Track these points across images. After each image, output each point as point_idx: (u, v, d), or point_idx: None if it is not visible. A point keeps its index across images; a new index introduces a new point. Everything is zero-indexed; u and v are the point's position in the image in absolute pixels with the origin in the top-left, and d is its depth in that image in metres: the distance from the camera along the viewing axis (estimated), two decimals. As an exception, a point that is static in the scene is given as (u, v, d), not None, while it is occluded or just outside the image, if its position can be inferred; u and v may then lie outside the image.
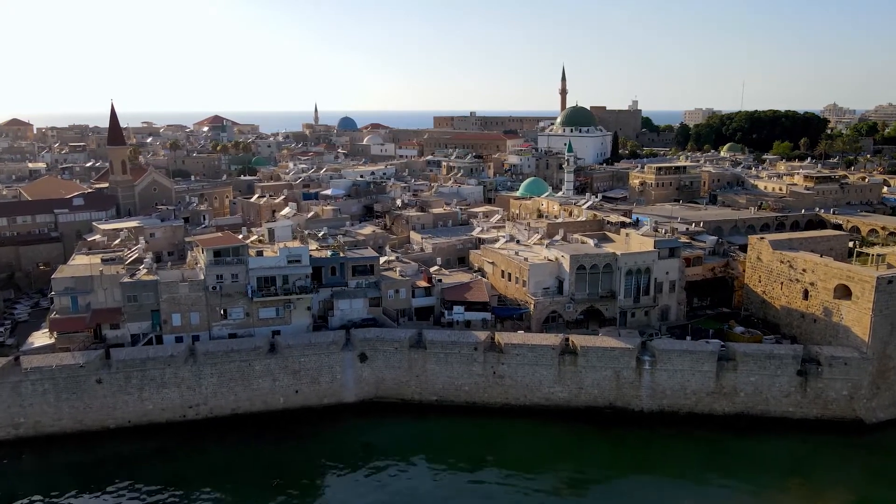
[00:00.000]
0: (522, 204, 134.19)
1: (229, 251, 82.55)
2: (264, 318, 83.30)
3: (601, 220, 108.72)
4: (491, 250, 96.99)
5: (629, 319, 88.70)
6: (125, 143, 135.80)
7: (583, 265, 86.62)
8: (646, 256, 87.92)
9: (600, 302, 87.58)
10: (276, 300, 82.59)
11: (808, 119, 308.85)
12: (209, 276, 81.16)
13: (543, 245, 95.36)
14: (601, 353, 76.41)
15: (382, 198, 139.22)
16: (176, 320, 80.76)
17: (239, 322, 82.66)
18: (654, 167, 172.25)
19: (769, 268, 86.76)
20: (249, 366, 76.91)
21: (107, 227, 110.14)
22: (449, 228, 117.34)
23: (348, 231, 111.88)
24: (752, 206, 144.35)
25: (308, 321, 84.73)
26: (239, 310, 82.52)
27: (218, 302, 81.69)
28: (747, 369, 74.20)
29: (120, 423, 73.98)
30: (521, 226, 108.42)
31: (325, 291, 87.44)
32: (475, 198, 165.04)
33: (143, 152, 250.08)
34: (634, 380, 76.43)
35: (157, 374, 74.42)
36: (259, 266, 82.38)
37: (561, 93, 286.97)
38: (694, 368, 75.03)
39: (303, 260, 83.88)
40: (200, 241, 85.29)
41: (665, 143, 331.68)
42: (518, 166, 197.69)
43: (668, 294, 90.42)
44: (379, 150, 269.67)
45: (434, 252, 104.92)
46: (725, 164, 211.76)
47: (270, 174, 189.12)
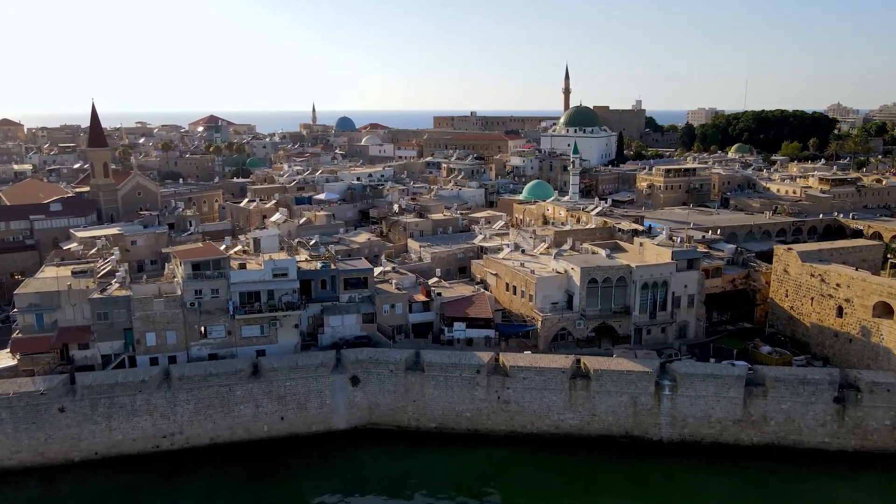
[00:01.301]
0: (527, 209, 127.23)
1: (209, 264, 75.57)
2: (247, 337, 76.45)
3: (612, 227, 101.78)
4: (494, 261, 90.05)
5: (644, 337, 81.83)
6: (107, 145, 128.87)
7: (594, 278, 79.71)
8: (663, 269, 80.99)
9: (613, 318, 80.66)
10: (261, 317, 75.68)
11: (816, 119, 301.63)
12: (187, 291, 74.21)
13: (551, 256, 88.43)
14: (616, 377, 69.48)
15: (379, 202, 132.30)
16: (151, 340, 73.84)
17: (220, 341, 75.75)
18: (663, 169, 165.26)
19: (797, 281, 79.80)
20: (230, 391, 69.95)
21: (84, 234, 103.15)
22: (449, 236, 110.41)
23: (342, 239, 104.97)
24: (766, 210, 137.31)
25: (296, 340, 77.83)
26: (220, 328, 75.63)
27: (197, 319, 74.77)
28: (778, 396, 67.24)
29: (86, 456, 67.01)
30: (526, 233, 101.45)
31: (315, 306, 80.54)
32: (476, 201, 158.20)
33: (135, 153, 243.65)
34: (653, 406, 69.49)
35: (126, 400, 67.44)
36: (242, 280, 75.42)
37: (564, 92, 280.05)
38: (719, 394, 68.07)
39: (289, 273, 76.95)
40: (178, 253, 78.35)
41: (669, 143, 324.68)
42: (521, 168, 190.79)
43: (686, 309, 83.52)
44: (377, 150, 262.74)
45: (433, 262, 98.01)
46: (735, 165, 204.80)
47: (264, 176, 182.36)
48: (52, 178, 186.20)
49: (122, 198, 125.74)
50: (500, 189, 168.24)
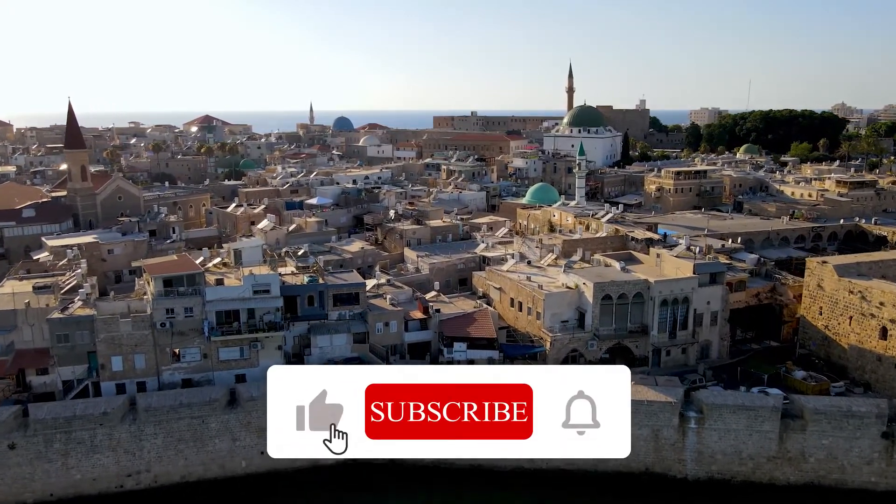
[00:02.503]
0: (531, 214, 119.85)
1: (183, 280, 68.16)
2: (226, 360, 69.07)
3: (624, 235, 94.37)
4: (498, 274, 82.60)
5: (664, 359, 74.41)
6: (84, 146, 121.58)
7: (609, 294, 72.29)
8: (684, 284, 73.58)
9: (629, 338, 73.28)
10: (240, 339, 68.33)
11: (825, 119, 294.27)
12: (157, 310, 66.79)
13: (560, 268, 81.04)
14: (636, 409, 61.84)
15: (374, 207, 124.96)
16: (117, 364, 66.44)
17: (195, 365, 68.37)
18: (672, 171, 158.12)
19: (833, 298, 72.37)
20: (203, 423, 62.51)
21: (56, 242, 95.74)
22: (449, 244, 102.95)
23: (333, 248, 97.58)
24: (783, 215, 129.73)
25: (279, 362, 70.35)
26: (194, 350, 68.24)
27: (168, 341, 67.37)
28: (819, 430, 59.84)
29: (40, 497, 59.53)
30: (531, 242, 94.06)
31: (301, 325, 73.12)
32: (477, 204, 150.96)
33: (125, 154, 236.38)
34: (677, 440, 62.11)
35: (86, 435, 59.99)
36: (218, 298, 67.96)
37: (568, 91, 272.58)
38: (751, 428, 60.66)
39: (272, 290, 69.49)
40: (148, 267, 70.92)
41: (674, 143, 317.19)
42: (523, 170, 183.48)
43: (709, 328, 76.14)
44: (375, 151, 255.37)
45: (431, 273, 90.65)
46: (746, 167, 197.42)
47: (257, 178, 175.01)
48: (37, 181, 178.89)
49: (101, 203, 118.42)
50: (502, 192, 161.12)
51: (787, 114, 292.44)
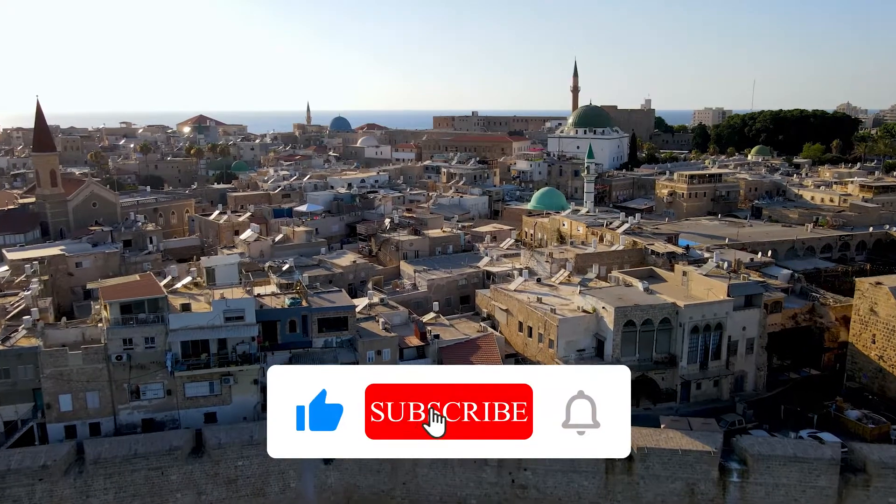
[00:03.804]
0: (538, 223, 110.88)
1: (143, 305, 59.22)
2: (193, 397, 60.10)
3: (643, 248, 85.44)
4: (505, 293, 73.64)
5: (694, 392, 65.49)
6: (54, 149, 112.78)
7: (632, 320, 63.36)
8: (717, 308, 64.67)
9: (655, 370, 64.36)
10: (209, 373, 59.40)
11: (838, 119, 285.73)
12: (113, 340, 57.82)
13: (574, 287, 72.14)
14: (668, 458, 53.13)
15: (369, 215, 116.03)
16: (66, 404, 57.48)
17: (157, 403, 59.43)
18: (686, 175, 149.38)
19: (890, 325, 63.41)
20: (163, 475, 53.58)
21: (16, 255, 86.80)
22: (449, 257, 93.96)
23: (322, 261, 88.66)
24: (806, 222, 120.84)
25: (255, 399, 61.53)
26: (156, 386, 59.27)
27: (126, 377, 58.44)
28: (885, 486, 50.93)
29: (-32, 567, 50.86)
30: (540, 256, 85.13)
31: (283, 353, 64.24)
32: (479, 210, 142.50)
33: (113, 156, 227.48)
34: (716, 496, 53.17)
35: (22, 492, 51.03)
36: (184, 326, 58.94)
37: (573, 90, 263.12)
38: (805, 483, 51.74)
39: (246, 316, 60.47)
40: (103, 291, 61.80)
41: (680, 144, 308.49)
42: (528, 173, 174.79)
43: (744, 356, 67.27)
44: (373, 152, 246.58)
45: (430, 291, 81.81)
46: (761, 169, 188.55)
47: (248, 182, 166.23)
48: (17, 184, 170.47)
49: (73, 210, 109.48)
50: (505, 196, 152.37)
51: (798, 114, 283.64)
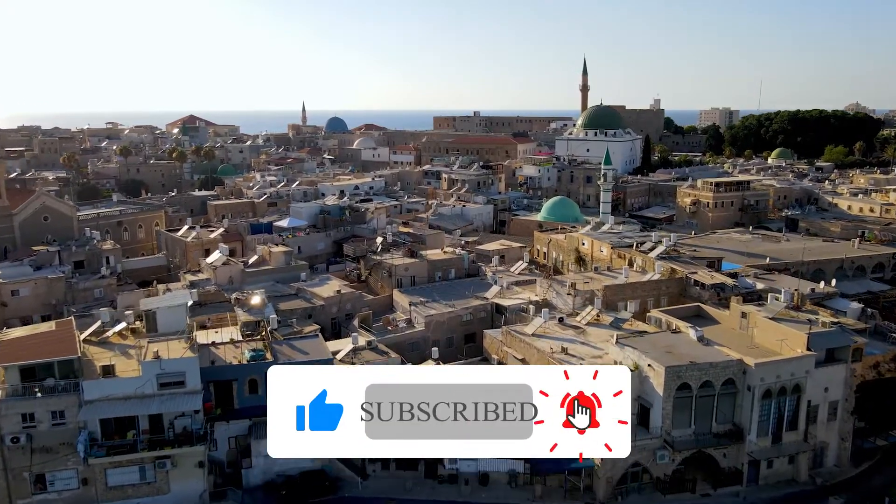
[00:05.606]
0: (553, 239, 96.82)
1: (52, 368, 45.22)
2: (118, 487, 46.18)
3: (683, 278, 71.30)
4: (521, 339, 59.47)
5: (763, 472, 51.49)
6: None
7: (686, 382, 49.33)
8: (795, 365, 50.61)
9: (716, 445, 50.35)
10: (136, 458, 45.42)
11: (860, 120, 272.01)
12: (8, 416, 43.86)
13: (606, 329, 58.16)
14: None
15: (360, 230, 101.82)
16: (-55, 501, 43.70)
17: (69, 496, 45.53)
18: (711, 182, 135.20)
19: None
20: None
21: (-63, 284, 72.94)
22: (451, 284, 79.66)
23: (301, 290, 74.60)
24: (851, 236, 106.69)
25: (201, 485, 47.56)
26: (69, 474, 45.38)
27: (26, 464, 44.51)
28: None
29: None
30: (560, 287, 71.02)
31: (240, 423, 50.52)
32: (484, 220, 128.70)
33: (93, 160, 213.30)
34: None
35: None
36: (103, 396, 44.90)
37: (582, 89, 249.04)
38: None
39: (188, 381, 46.38)
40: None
41: (690, 146, 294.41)
42: (535, 179, 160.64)
43: (825, 424, 53.31)
44: (370, 155, 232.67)
45: (428, 329, 67.73)
46: (787, 175, 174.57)
47: (232, 188, 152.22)
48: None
49: (20, 225, 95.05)
50: (511, 205, 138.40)
51: (817, 114, 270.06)
